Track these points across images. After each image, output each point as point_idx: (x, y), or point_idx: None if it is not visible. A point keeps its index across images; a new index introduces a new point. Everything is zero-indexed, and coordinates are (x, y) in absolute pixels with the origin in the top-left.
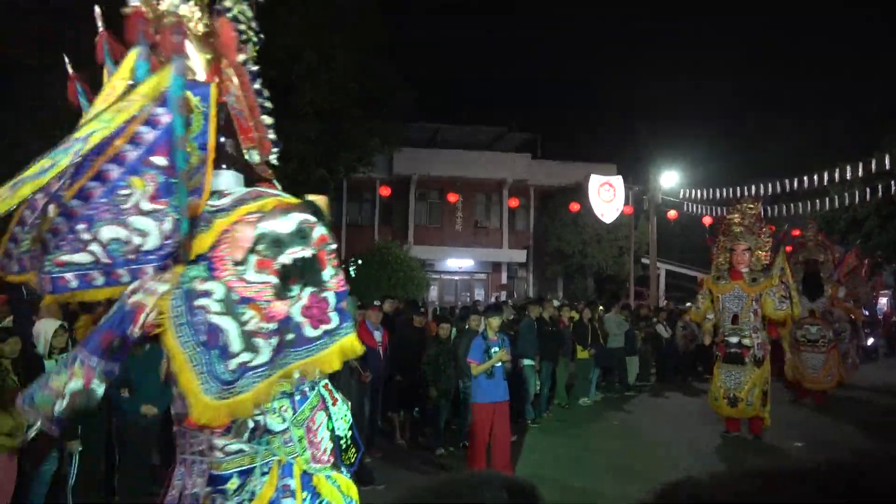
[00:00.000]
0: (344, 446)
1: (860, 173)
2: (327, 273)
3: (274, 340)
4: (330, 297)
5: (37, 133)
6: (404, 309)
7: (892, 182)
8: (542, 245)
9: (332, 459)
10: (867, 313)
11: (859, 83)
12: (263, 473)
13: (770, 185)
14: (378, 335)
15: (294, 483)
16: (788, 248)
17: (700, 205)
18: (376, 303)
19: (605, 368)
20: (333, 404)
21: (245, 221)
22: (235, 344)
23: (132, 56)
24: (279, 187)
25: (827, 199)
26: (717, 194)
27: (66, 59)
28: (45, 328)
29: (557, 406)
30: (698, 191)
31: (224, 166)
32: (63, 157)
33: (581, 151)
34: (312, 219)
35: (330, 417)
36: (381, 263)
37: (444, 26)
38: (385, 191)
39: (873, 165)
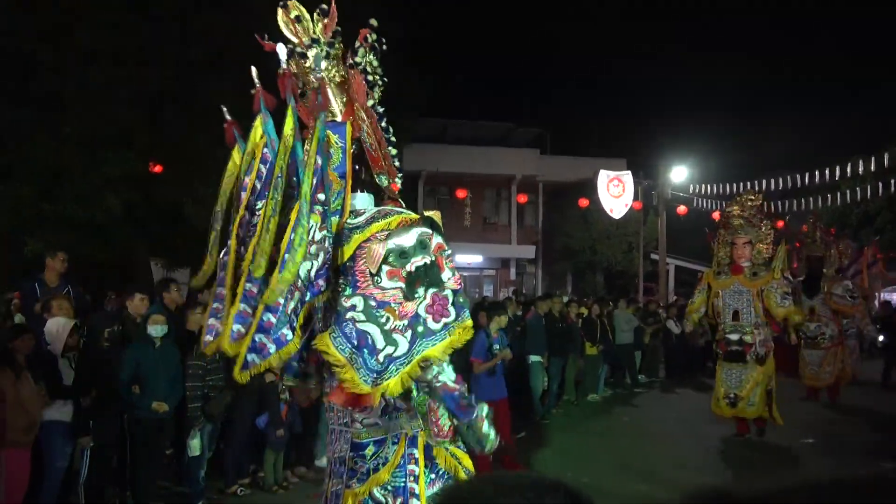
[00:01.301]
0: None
1: (872, 168)
2: (445, 274)
3: (408, 334)
4: (449, 294)
5: (49, 132)
6: None
7: None
8: (551, 241)
9: (451, 435)
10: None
11: (872, 78)
12: (394, 443)
13: (780, 181)
14: None
15: (417, 452)
16: (798, 244)
17: (710, 200)
18: None
19: (614, 364)
20: None
21: (376, 239)
22: (379, 341)
23: (290, 113)
24: (403, 204)
25: (838, 195)
26: (728, 189)
27: (224, 109)
28: (59, 326)
29: (566, 402)
30: (708, 186)
31: (359, 189)
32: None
33: (590, 147)
34: (430, 231)
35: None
36: None
37: (454, 22)
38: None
39: (885, 160)
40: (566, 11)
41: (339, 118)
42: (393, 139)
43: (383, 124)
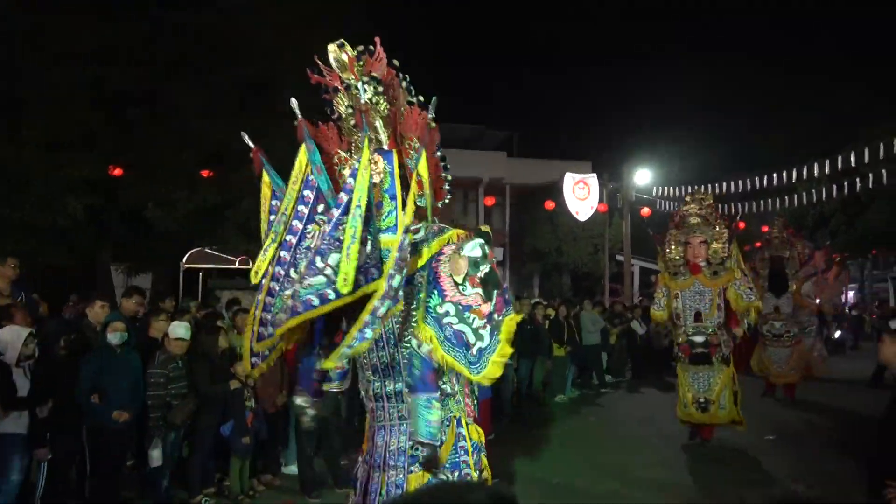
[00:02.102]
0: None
1: (827, 171)
2: (499, 275)
3: (488, 328)
4: (505, 293)
5: (8, 134)
6: None
7: (858, 180)
8: (519, 243)
9: (473, 413)
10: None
11: (831, 83)
12: (447, 426)
13: (741, 183)
14: None
15: (465, 431)
16: (757, 244)
17: (673, 202)
18: None
19: (581, 365)
20: None
21: (451, 253)
22: (471, 338)
23: (302, 151)
24: (436, 220)
25: (795, 197)
26: (690, 191)
27: (247, 137)
28: (14, 336)
29: (535, 403)
30: (671, 188)
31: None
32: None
33: (557, 150)
34: (484, 241)
35: (471, 382)
36: None
37: (424, 24)
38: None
39: (839, 163)
40: (536, 15)
41: (385, 146)
42: (448, 167)
43: (438, 153)
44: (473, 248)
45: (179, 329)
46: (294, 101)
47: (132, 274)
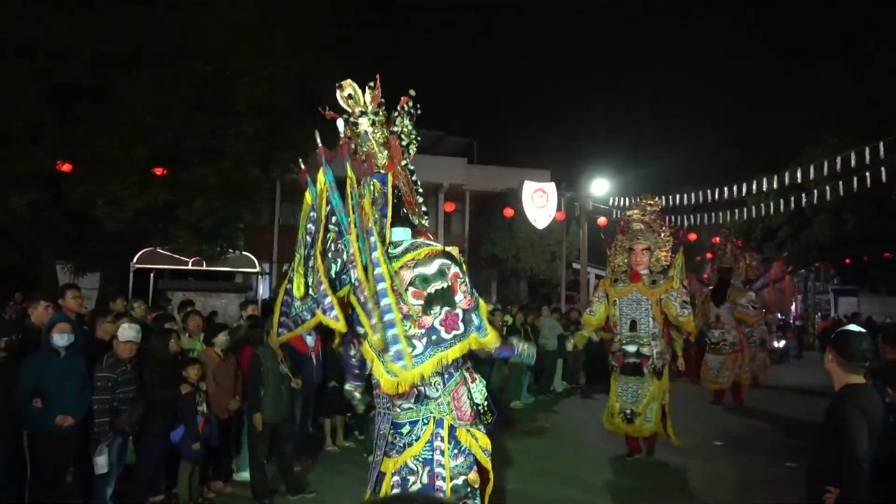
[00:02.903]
0: (482, 411)
1: (775, 185)
2: (458, 297)
3: (424, 340)
4: (459, 312)
5: None
6: None
7: (804, 195)
8: (477, 249)
9: (471, 419)
10: (781, 318)
11: (781, 97)
12: (424, 424)
13: (693, 195)
14: (311, 340)
15: (443, 432)
16: (710, 255)
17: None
18: None
19: (537, 372)
20: (472, 382)
21: (407, 266)
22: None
23: (322, 172)
24: (432, 238)
25: (745, 210)
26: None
27: (301, 162)
28: None
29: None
30: (627, 199)
31: (398, 224)
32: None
33: (516, 157)
34: (448, 262)
35: (469, 390)
36: None
37: (384, 29)
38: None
39: (787, 178)
40: (496, 23)
41: (383, 170)
42: (420, 190)
43: (414, 178)
44: (429, 264)
45: (129, 331)
46: (318, 133)
47: (79, 273)
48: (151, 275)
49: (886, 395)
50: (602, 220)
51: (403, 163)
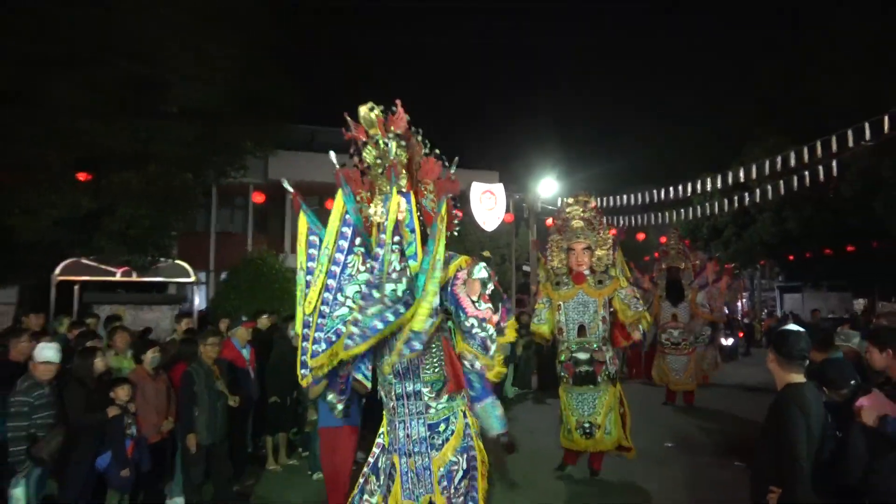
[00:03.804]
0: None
1: (719, 185)
2: (501, 291)
3: (494, 334)
4: (507, 303)
5: None
6: (281, 324)
7: (747, 194)
8: None
9: (466, 407)
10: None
11: (725, 96)
12: (455, 418)
13: (640, 195)
14: (246, 353)
15: (469, 420)
16: (656, 255)
17: None
18: (244, 318)
19: None
20: None
21: (463, 276)
22: (490, 343)
23: (339, 197)
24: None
25: (690, 209)
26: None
27: (286, 182)
28: None
29: None
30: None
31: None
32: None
33: (464, 159)
34: (486, 265)
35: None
36: (255, 275)
37: (326, 28)
38: (259, 197)
39: (730, 178)
40: (442, 23)
41: (404, 189)
42: (458, 205)
43: (450, 195)
44: (480, 270)
45: (47, 351)
46: (332, 155)
47: None
48: (76, 287)
49: (823, 394)
50: (550, 221)
51: (452, 176)
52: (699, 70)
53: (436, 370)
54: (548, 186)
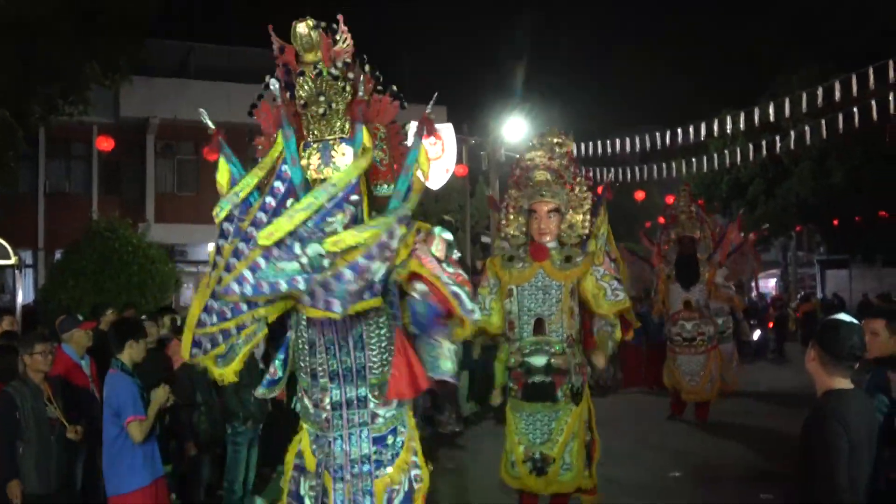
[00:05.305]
0: None
1: (743, 126)
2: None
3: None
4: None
5: None
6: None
7: (779, 138)
8: None
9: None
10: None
11: (751, 11)
12: (403, 428)
13: (640, 140)
14: (86, 366)
15: (414, 431)
16: (661, 220)
17: None
18: (80, 318)
19: (431, 392)
20: None
21: (426, 235)
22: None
23: (279, 138)
24: None
25: (705, 158)
26: (578, 151)
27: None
28: None
29: None
30: None
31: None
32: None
33: (399, 87)
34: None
35: None
36: (104, 252)
37: None
38: (107, 143)
39: (757, 116)
40: None
41: (347, 135)
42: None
43: (408, 142)
44: (446, 232)
45: None
46: (274, 83)
47: None
48: None
49: (887, 380)
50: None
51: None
52: None
53: (385, 369)
54: (515, 128)
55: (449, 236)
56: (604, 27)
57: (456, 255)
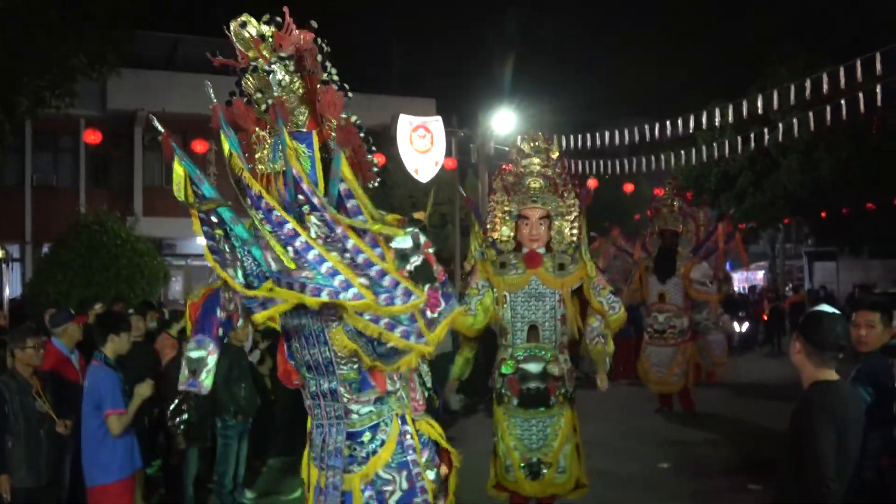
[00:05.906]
0: (427, 395)
1: (731, 118)
2: (434, 269)
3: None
4: (439, 286)
5: None
6: (126, 315)
7: (768, 130)
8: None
9: (424, 407)
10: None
11: (737, 3)
12: (387, 425)
13: (627, 132)
14: (76, 360)
15: (410, 428)
16: (649, 213)
17: None
18: (72, 311)
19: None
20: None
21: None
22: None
23: (223, 139)
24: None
25: (693, 151)
26: (567, 143)
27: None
28: None
29: None
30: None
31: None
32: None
33: (388, 82)
34: (417, 230)
35: (420, 374)
36: (91, 246)
37: None
38: (95, 136)
39: (745, 108)
40: None
41: (304, 129)
42: (374, 148)
43: (362, 134)
44: (404, 239)
45: None
46: (209, 84)
47: None
48: None
49: (893, 366)
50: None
51: (344, 115)
52: None
53: (354, 366)
54: (504, 121)
55: (406, 244)
56: (592, 20)
57: (412, 264)
